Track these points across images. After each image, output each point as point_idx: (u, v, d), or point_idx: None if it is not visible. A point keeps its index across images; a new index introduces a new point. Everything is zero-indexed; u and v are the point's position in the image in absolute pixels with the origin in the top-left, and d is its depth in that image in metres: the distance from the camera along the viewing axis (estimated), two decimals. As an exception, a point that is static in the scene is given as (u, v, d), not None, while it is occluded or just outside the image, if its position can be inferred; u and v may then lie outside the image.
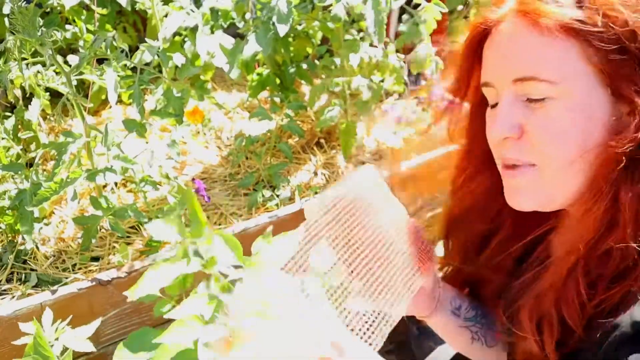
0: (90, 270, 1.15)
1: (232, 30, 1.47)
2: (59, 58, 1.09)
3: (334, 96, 1.58)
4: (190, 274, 0.44)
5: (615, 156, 0.59)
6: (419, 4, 1.46)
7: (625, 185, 0.59)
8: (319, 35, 1.61)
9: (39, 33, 1.00)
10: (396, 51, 1.57)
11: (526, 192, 0.67)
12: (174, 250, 0.43)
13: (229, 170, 1.50)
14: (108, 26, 1.60)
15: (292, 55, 1.58)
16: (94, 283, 1.03)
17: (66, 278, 1.12)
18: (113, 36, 1.09)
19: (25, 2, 1.00)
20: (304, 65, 1.60)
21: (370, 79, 1.54)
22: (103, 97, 1.62)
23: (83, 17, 1.45)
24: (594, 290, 0.61)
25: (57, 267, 1.16)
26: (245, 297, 0.44)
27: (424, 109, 1.85)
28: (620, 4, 0.60)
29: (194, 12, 1.40)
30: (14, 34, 1.01)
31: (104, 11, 1.43)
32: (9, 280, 1.12)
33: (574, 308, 0.62)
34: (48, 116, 1.53)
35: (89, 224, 1.16)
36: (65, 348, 0.78)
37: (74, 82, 1.12)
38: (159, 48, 1.17)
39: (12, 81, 1.14)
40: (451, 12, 1.70)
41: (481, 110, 0.76)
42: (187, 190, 0.42)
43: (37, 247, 1.19)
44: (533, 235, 0.76)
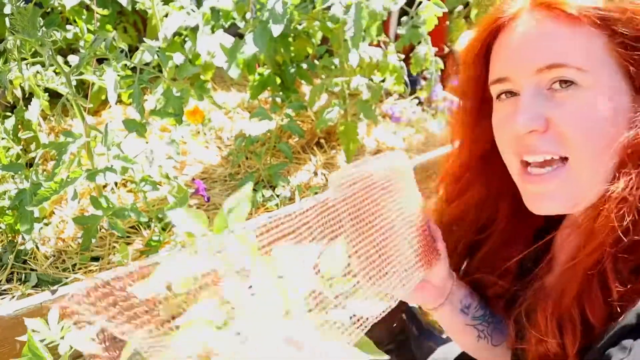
0: (90, 270, 1.15)
1: (233, 30, 1.47)
2: (59, 58, 1.09)
3: (334, 96, 1.59)
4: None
5: None
6: (420, 1, 1.46)
7: None
8: (319, 35, 1.61)
9: (39, 33, 1.00)
10: (397, 52, 1.58)
11: (553, 195, 0.65)
12: (174, 249, 0.43)
13: (229, 170, 1.50)
14: (108, 26, 1.60)
15: (292, 55, 1.58)
16: (94, 283, 1.03)
17: (66, 278, 1.12)
18: (113, 36, 1.09)
19: (24, 2, 1.00)
20: (304, 65, 1.60)
21: (370, 79, 1.54)
22: (103, 97, 1.62)
23: (83, 17, 1.45)
24: (623, 284, 0.59)
25: (57, 267, 1.16)
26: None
27: (424, 109, 1.85)
28: None
29: (194, 11, 1.40)
30: (14, 34, 1.01)
31: (104, 11, 1.43)
32: (9, 280, 1.12)
33: (598, 305, 0.61)
34: (48, 116, 1.53)
35: (89, 224, 1.16)
36: (71, 347, 0.78)
37: (74, 82, 1.12)
38: (158, 48, 1.17)
39: (12, 81, 1.14)
40: (451, 12, 1.70)
41: (481, 115, 0.75)
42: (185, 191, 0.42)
43: (37, 247, 1.19)
44: (542, 242, 0.74)
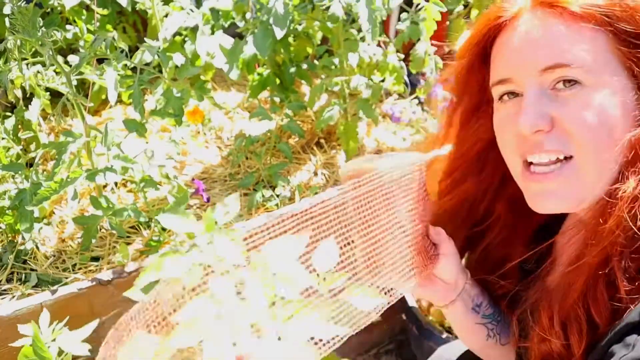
0: (90, 270, 1.15)
1: (232, 30, 1.47)
2: (59, 58, 1.09)
3: (334, 96, 1.59)
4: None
5: None
6: (418, 3, 1.46)
7: None
8: (319, 35, 1.61)
9: (39, 33, 1.00)
10: (396, 51, 1.57)
11: (557, 193, 0.65)
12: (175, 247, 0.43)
13: (229, 170, 1.50)
14: (108, 26, 1.60)
15: (292, 55, 1.58)
16: (94, 283, 1.03)
17: (66, 278, 1.12)
18: (113, 36, 1.09)
19: (25, 2, 1.00)
20: (304, 65, 1.60)
21: (370, 79, 1.54)
22: (103, 97, 1.62)
23: (83, 17, 1.45)
24: (630, 282, 0.59)
25: (57, 267, 1.16)
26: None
27: (423, 109, 1.85)
28: None
29: (194, 12, 1.40)
30: (14, 33, 1.01)
31: (104, 11, 1.43)
32: (9, 280, 1.12)
33: (603, 304, 0.61)
34: (48, 116, 1.53)
35: (89, 224, 1.16)
36: (62, 350, 0.78)
37: (74, 82, 1.12)
38: (159, 48, 1.17)
39: (12, 81, 1.14)
40: (450, 12, 1.70)
41: (478, 113, 0.75)
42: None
43: (37, 247, 1.19)
44: (547, 243, 0.73)
